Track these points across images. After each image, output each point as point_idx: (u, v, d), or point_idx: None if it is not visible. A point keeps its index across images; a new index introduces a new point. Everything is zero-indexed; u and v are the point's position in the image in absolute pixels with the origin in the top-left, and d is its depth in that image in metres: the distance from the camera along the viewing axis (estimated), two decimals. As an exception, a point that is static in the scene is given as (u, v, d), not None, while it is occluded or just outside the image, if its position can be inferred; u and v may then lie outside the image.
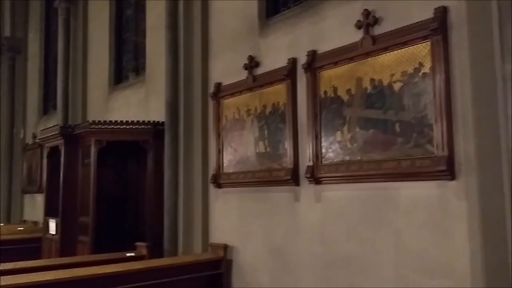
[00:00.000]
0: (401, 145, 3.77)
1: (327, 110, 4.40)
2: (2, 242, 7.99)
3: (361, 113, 4.10)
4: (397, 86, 3.85)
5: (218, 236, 5.66)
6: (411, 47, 3.79)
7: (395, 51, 3.89)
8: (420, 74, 3.71)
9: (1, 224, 10.89)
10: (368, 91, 4.07)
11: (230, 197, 5.56)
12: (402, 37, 3.82)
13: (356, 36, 4.18)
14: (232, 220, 5.50)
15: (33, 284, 4.09)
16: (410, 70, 3.78)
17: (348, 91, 4.23)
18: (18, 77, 12.20)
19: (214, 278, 5.29)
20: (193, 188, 5.93)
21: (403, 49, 3.84)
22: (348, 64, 4.25)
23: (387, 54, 3.95)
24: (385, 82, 3.94)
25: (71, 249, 6.43)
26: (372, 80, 4.05)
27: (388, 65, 3.94)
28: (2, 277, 4.02)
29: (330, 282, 4.29)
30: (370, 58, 4.08)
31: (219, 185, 5.67)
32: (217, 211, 5.75)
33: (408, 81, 3.78)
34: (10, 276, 4.16)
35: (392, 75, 3.89)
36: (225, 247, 5.39)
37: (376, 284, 3.90)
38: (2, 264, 4.54)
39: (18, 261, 5.10)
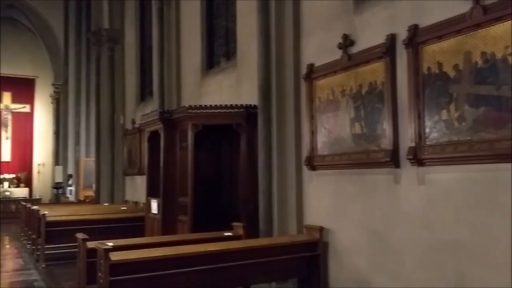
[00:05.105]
0: (518, 123, 3.47)
1: (431, 88, 4.16)
2: (109, 221, 8.67)
3: (471, 90, 3.82)
4: (512, 59, 3.54)
5: (312, 218, 5.64)
6: (529, 15, 3.45)
7: (510, 21, 3.56)
8: (541, 44, 3.37)
9: (106, 204, 11.78)
10: (478, 66, 3.77)
11: (325, 179, 5.50)
12: (519, 4, 3.49)
13: (464, 6, 3.88)
14: (327, 203, 5.45)
15: (142, 259, 4.34)
16: (529, 41, 3.45)
17: (455, 66, 3.95)
18: (117, 66, 12.98)
19: (310, 260, 5.29)
20: (287, 170, 5.94)
21: (520, 18, 3.51)
22: (455, 38, 3.96)
23: (501, 24, 3.62)
24: (499, 55, 3.62)
25: (172, 228, 6.78)
26: (483, 53, 3.74)
27: (501, 37, 3.62)
28: (114, 252, 4.30)
29: (436, 268, 4.09)
30: (480, 30, 3.77)
31: (313, 167, 5.63)
32: (311, 193, 5.72)
33: (526, 53, 3.45)
34: (121, 252, 4.41)
35: (507, 47, 3.57)
36: (321, 229, 5.35)
37: (489, 273, 3.66)
38: (111, 240, 4.84)
39: (123, 238, 5.42)
